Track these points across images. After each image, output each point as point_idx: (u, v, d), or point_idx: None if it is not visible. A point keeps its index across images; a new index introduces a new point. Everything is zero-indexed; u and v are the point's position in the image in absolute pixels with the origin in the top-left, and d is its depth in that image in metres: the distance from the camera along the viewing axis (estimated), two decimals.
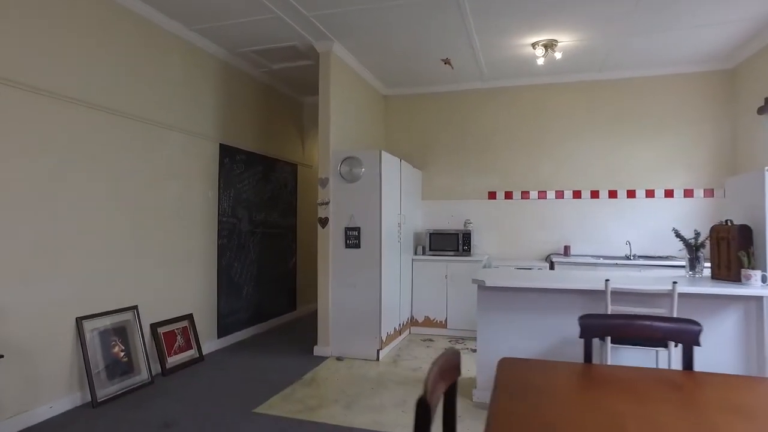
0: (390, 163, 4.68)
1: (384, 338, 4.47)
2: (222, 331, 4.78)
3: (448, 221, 5.93)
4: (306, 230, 6.52)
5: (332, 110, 4.58)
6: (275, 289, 5.81)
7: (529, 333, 3.22)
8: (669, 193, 5.28)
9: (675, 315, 2.44)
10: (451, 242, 5.50)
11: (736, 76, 5.03)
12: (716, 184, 5.14)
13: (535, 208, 5.67)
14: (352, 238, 4.48)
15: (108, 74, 3.47)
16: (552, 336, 3.18)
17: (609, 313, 2.55)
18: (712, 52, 4.80)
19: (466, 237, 5.46)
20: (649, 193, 5.34)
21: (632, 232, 5.33)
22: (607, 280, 2.57)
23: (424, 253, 5.59)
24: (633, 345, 2.62)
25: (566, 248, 5.41)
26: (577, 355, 3.19)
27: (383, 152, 4.46)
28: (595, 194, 5.49)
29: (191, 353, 4.15)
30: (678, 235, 3.29)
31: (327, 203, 4.55)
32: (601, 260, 4.98)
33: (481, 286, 3.22)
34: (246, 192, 5.22)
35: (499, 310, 3.28)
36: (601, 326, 1.71)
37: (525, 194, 5.71)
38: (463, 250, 5.45)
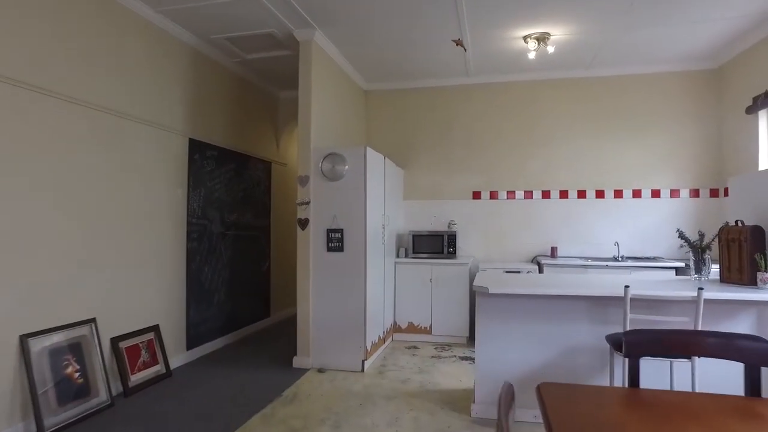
0: (375, 160, 4.39)
1: (369, 348, 4.18)
2: (192, 342, 4.38)
3: (431, 222, 5.69)
4: (280, 232, 6.16)
5: (313, 103, 4.25)
6: (248, 295, 5.43)
7: (533, 342, 3.00)
8: (656, 193, 5.20)
9: (700, 324, 2.26)
10: (436, 244, 5.25)
11: (722, 75, 4.99)
12: (702, 184, 5.09)
13: (520, 209, 5.50)
14: (335, 240, 4.17)
15: (61, 55, 3.05)
16: (559, 345, 2.96)
17: (629, 322, 2.34)
18: (699, 51, 4.73)
19: (452, 238, 5.22)
20: (636, 193, 5.24)
21: (619, 233, 5.23)
22: (626, 287, 2.36)
23: (406, 256, 5.33)
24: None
25: (553, 249, 5.25)
26: (586, 365, 2.98)
27: (368, 149, 4.17)
28: (582, 194, 5.36)
29: (157, 369, 3.74)
30: (682, 236, 3.13)
31: (307, 203, 4.22)
32: (590, 261, 4.84)
33: (482, 293, 2.97)
34: (217, 191, 4.82)
35: (501, 319, 3.04)
36: (654, 343, 1.48)
37: (510, 194, 5.53)
38: (448, 252, 5.22)
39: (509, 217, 5.52)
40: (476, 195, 5.62)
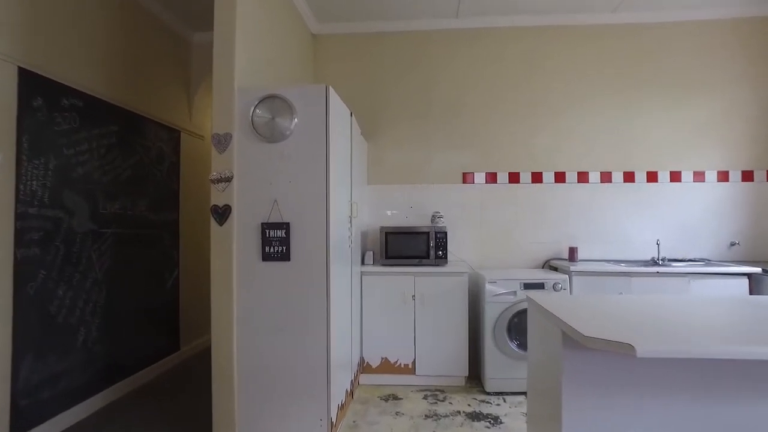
0: (339, 112, 2.80)
1: (335, 417, 2.58)
2: (24, 421, 2.56)
3: (407, 215, 4.17)
4: (193, 230, 4.38)
5: (239, 20, 2.59)
6: (144, 324, 3.63)
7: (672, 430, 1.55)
8: (699, 176, 3.99)
9: None
10: (418, 246, 3.73)
11: None
12: (756, 164, 3.94)
13: (527, 196, 4.10)
14: (276, 242, 2.53)
15: None
16: None
17: None
18: None
19: (441, 238, 3.72)
20: (675, 176, 4.01)
21: (656, 228, 3.97)
22: None
23: (374, 263, 3.78)
24: None
25: (572, 251, 3.87)
26: None
27: (332, 90, 2.57)
28: (606, 177, 4.06)
29: None
30: None
31: (228, 180, 2.55)
32: (623, 266, 3.53)
33: (607, 351, 1.47)
34: (84, 165, 3.01)
35: (611, 389, 1.57)
36: None
37: (513, 176, 4.13)
38: (437, 256, 3.71)
39: (512, 208, 4.11)
40: (467, 178, 4.16)
